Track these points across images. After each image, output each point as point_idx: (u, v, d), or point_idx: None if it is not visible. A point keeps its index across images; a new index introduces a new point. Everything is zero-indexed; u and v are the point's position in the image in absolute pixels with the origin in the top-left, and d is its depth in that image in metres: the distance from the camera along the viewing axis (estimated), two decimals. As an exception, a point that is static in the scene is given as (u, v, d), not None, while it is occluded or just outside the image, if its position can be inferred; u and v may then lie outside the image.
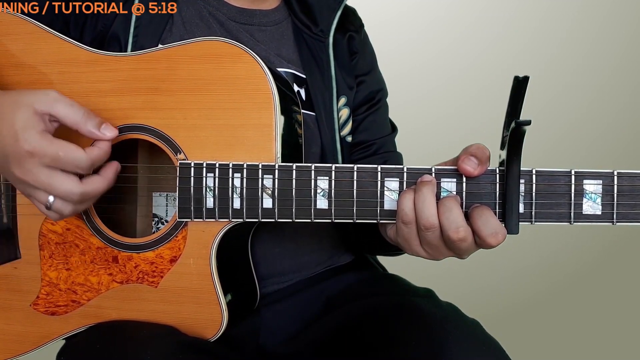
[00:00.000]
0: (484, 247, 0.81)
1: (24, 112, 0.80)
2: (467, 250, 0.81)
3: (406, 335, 0.88)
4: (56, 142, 0.80)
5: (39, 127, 0.80)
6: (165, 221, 1.04)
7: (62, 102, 0.82)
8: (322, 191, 0.86)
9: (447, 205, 0.80)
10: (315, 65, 1.11)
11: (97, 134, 0.84)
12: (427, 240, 0.81)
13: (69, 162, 0.80)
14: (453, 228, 0.78)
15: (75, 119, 0.82)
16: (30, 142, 0.79)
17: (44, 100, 0.82)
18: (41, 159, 0.80)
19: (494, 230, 0.78)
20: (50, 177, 0.80)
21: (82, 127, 0.83)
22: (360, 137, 1.17)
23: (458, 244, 0.79)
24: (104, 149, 0.84)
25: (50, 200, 0.82)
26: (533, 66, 2.35)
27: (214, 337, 0.92)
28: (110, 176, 0.86)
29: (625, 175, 0.82)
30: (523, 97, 0.77)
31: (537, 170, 0.83)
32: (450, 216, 0.79)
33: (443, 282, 1.29)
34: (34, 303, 0.96)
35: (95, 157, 0.83)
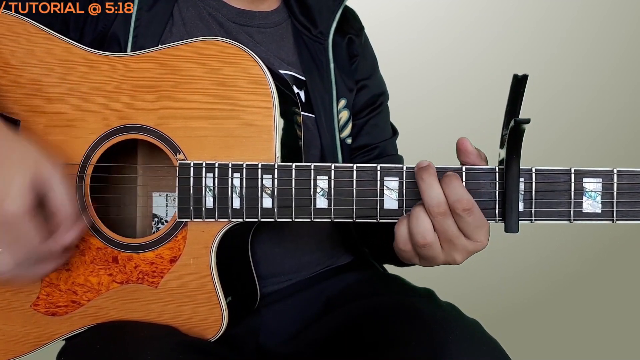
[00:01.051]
0: (461, 225, 0.82)
1: (24, 176, 0.81)
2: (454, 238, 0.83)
3: (406, 335, 0.88)
4: (32, 224, 0.82)
5: (28, 200, 0.81)
6: (165, 221, 1.04)
7: (62, 185, 0.84)
8: (322, 190, 0.86)
9: (427, 182, 0.83)
10: (314, 68, 1.11)
11: (62, 240, 0.86)
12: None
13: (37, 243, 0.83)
14: (435, 202, 0.81)
15: (65, 213, 0.85)
16: (13, 211, 0.80)
17: (46, 171, 0.83)
18: (13, 226, 0.81)
19: (459, 196, 0.81)
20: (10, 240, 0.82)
21: (60, 225, 0.85)
22: (362, 141, 1.17)
23: (438, 218, 0.82)
24: (65, 242, 0.86)
25: None
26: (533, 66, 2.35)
27: (214, 337, 0.92)
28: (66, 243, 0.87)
29: (625, 174, 0.82)
30: (522, 95, 0.77)
31: (537, 169, 0.83)
32: (431, 193, 0.82)
33: (443, 282, 1.28)
34: (34, 303, 0.96)
35: (53, 248, 0.85)
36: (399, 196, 0.86)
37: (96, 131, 0.93)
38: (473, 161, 0.85)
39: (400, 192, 0.85)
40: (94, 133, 0.93)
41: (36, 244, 0.82)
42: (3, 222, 0.80)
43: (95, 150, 0.93)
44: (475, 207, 0.82)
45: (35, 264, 0.86)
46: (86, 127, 0.94)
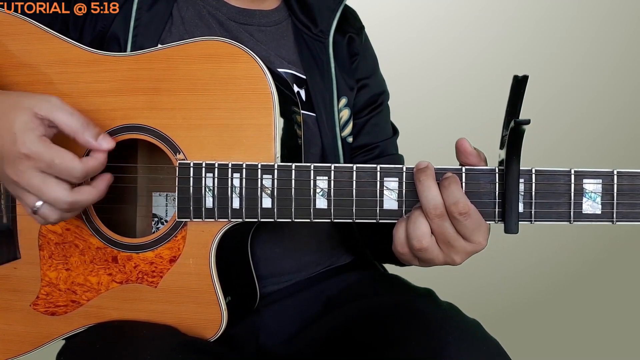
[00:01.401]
0: (458, 227, 0.83)
1: (24, 115, 0.80)
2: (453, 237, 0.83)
3: (406, 335, 0.88)
4: (53, 148, 0.80)
5: (38, 131, 0.80)
6: (164, 221, 1.04)
7: (63, 110, 0.82)
8: (322, 191, 0.86)
9: (425, 184, 0.83)
10: (315, 66, 1.11)
11: (94, 144, 0.83)
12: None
13: (63, 170, 0.80)
14: (432, 204, 0.82)
15: (74, 127, 0.82)
16: (28, 145, 0.79)
17: (45, 105, 0.82)
18: (36, 163, 0.80)
19: (455, 200, 0.81)
20: (42, 182, 0.80)
21: (79, 136, 0.83)
22: (363, 140, 1.17)
23: (435, 221, 0.82)
24: (99, 160, 0.84)
25: (38, 204, 0.82)
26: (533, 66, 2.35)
27: (213, 337, 0.92)
28: (101, 188, 0.86)
29: (625, 175, 0.82)
30: (522, 96, 0.77)
31: (537, 170, 0.83)
32: (429, 195, 0.82)
33: (443, 282, 1.28)
34: (33, 303, 0.96)
35: (90, 167, 0.83)
36: (399, 197, 0.86)
37: (96, 131, 0.93)
38: (472, 161, 0.85)
39: (400, 193, 0.85)
40: (94, 133, 0.93)
41: (72, 164, 0.80)
42: (29, 160, 0.79)
43: (95, 150, 0.93)
44: (473, 210, 0.82)
45: (87, 186, 0.84)
46: (86, 127, 0.93)
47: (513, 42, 2.45)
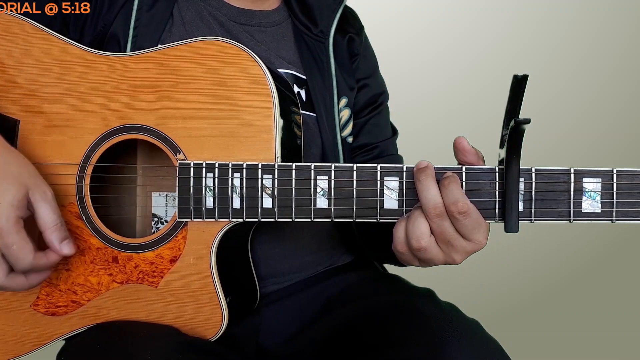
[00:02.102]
0: (458, 226, 0.83)
1: (18, 192, 0.83)
2: (451, 239, 0.83)
3: (406, 335, 0.88)
4: (20, 235, 0.82)
5: (20, 212, 0.83)
6: (164, 221, 1.04)
7: (49, 206, 0.85)
8: (322, 190, 0.86)
9: (424, 184, 0.83)
10: (315, 66, 1.11)
11: (55, 247, 0.86)
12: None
13: (13, 256, 0.82)
14: (431, 204, 0.82)
15: (47, 223, 0.85)
16: (3, 220, 0.81)
17: (38, 194, 0.85)
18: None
19: (455, 199, 0.81)
20: None
21: (46, 234, 0.85)
22: (362, 141, 1.17)
23: (435, 220, 0.82)
24: (51, 261, 0.86)
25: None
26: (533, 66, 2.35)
27: (214, 337, 0.92)
28: (33, 283, 0.88)
29: (625, 174, 0.82)
30: (522, 95, 0.77)
31: (537, 169, 0.83)
32: (427, 194, 0.82)
33: (443, 282, 1.28)
34: (34, 303, 0.96)
35: (39, 265, 0.85)
36: (399, 196, 0.86)
37: (96, 131, 0.93)
38: (471, 160, 0.85)
39: (401, 192, 0.86)
40: (94, 133, 0.93)
41: (24, 256, 0.83)
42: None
43: (95, 151, 0.93)
44: (472, 209, 0.82)
45: (22, 277, 0.86)
46: (86, 127, 0.94)
47: (513, 42, 2.45)
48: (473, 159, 0.85)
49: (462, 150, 0.85)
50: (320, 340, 1.02)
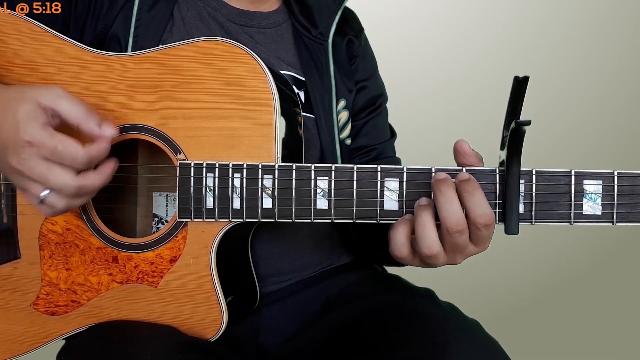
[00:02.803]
0: (473, 237, 0.82)
1: (28, 105, 0.81)
2: (462, 248, 0.82)
3: (406, 335, 0.88)
4: (56, 135, 0.80)
5: (41, 119, 0.81)
6: (165, 221, 1.04)
7: (66, 99, 0.83)
8: (322, 191, 0.86)
9: (447, 196, 0.80)
10: (314, 68, 1.11)
11: (97, 132, 0.83)
12: None
13: (66, 157, 0.80)
14: (454, 221, 0.79)
15: (77, 116, 0.83)
16: (31, 132, 0.79)
17: (48, 95, 0.82)
18: (39, 150, 0.80)
19: (483, 212, 0.79)
20: (46, 169, 0.80)
21: (82, 125, 0.83)
22: (361, 142, 1.17)
23: (455, 237, 0.80)
24: (102, 147, 0.84)
25: (45, 193, 0.82)
26: (533, 66, 2.35)
27: (214, 337, 0.92)
28: (107, 173, 0.86)
29: (626, 176, 0.82)
30: (523, 97, 0.77)
31: (537, 171, 0.83)
32: (450, 207, 0.80)
33: (443, 282, 1.28)
34: (34, 303, 0.96)
35: (93, 154, 0.83)
36: (399, 197, 0.86)
37: (96, 131, 0.93)
38: (471, 162, 0.85)
39: (401, 193, 0.86)
40: (95, 133, 0.93)
41: (75, 150, 0.80)
42: (31, 148, 0.80)
43: (95, 150, 0.93)
44: (494, 219, 0.81)
45: (92, 172, 0.84)
46: (86, 127, 0.94)
47: (513, 42, 2.45)
48: (474, 161, 0.85)
49: (462, 154, 0.85)
50: (320, 340, 1.02)
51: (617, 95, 2.48)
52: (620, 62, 2.49)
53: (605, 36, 2.48)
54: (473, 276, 2.14)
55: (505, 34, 2.47)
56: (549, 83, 2.34)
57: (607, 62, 2.48)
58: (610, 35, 2.48)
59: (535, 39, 2.46)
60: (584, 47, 2.48)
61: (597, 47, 2.48)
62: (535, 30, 2.48)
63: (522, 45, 2.45)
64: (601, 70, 2.47)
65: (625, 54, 2.49)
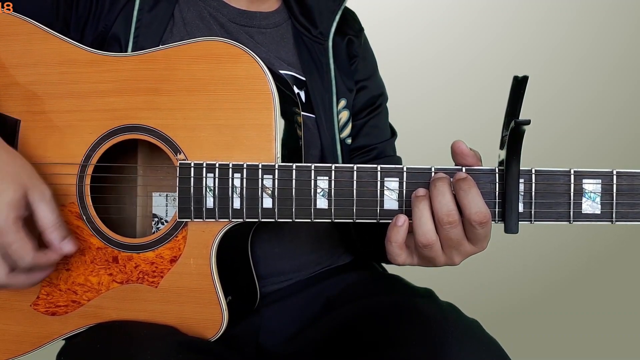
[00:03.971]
0: (470, 235, 0.82)
1: (16, 193, 0.82)
2: (457, 244, 0.83)
3: (406, 335, 0.88)
4: (19, 234, 0.82)
5: (18, 212, 0.82)
6: (165, 221, 1.04)
7: (48, 206, 0.85)
8: (322, 191, 0.87)
9: (440, 189, 0.81)
10: (314, 68, 1.11)
11: (55, 245, 0.86)
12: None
13: (13, 254, 0.82)
14: (445, 211, 0.80)
15: (46, 224, 0.85)
16: (1, 220, 0.81)
17: (37, 194, 0.84)
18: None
19: (478, 209, 0.80)
20: None
21: (47, 233, 0.85)
22: (361, 142, 1.17)
23: (447, 228, 0.81)
24: (51, 259, 0.86)
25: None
26: (532, 66, 2.35)
27: (214, 337, 0.92)
28: (35, 280, 0.88)
29: (624, 175, 0.82)
30: (522, 97, 0.77)
31: (537, 170, 0.83)
32: (442, 199, 0.81)
33: (443, 282, 1.28)
34: (34, 303, 0.96)
35: (39, 263, 0.85)
36: (399, 197, 0.86)
37: (96, 131, 0.93)
38: (469, 162, 0.85)
39: (401, 193, 0.86)
40: (94, 133, 0.93)
41: (24, 255, 0.83)
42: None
43: (95, 150, 0.93)
44: (490, 217, 0.81)
45: (24, 274, 0.86)
46: (86, 127, 0.94)
47: (513, 42, 2.45)
48: (472, 161, 0.84)
49: (460, 154, 0.84)
50: (320, 340, 1.02)
51: (617, 94, 2.48)
52: (620, 62, 2.49)
53: (605, 36, 2.48)
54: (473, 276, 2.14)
55: (505, 34, 2.47)
56: (549, 83, 2.34)
57: (606, 62, 2.48)
58: (610, 35, 2.48)
59: (535, 39, 2.46)
60: (584, 47, 2.48)
61: (597, 47, 2.48)
62: (535, 30, 2.48)
63: (522, 45, 2.45)
64: (601, 69, 2.47)
65: (625, 53, 2.49)
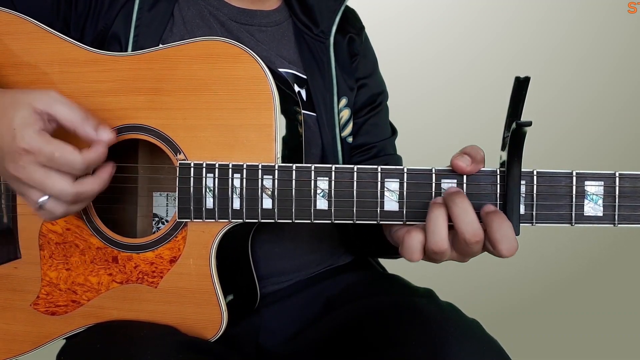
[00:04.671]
0: (493, 254, 0.80)
1: (23, 111, 0.81)
2: (476, 253, 0.81)
3: (406, 335, 0.88)
4: (53, 142, 0.80)
5: (37, 125, 0.80)
6: (165, 221, 1.04)
7: (62, 103, 0.83)
8: (322, 192, 0.86)
9: (461, 206, 0.78)
10: (316, 66, 1.11)
11: (94, 137, 0.84)
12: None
13: (64, 163, 0.80)
14: (471, 232, 0.77)
15: (74, 120, 0.83)
16: (27, 140, 0.79)
17: (44, 99, 0.82)
18: (37, 157, 0.80)
19: (511, 245, 0.77)
20: (44, 176, 0.80)
21: (79, 129, 0.83)
22: (361, 140, 1.17)
23: (472, 246, 0.79)
24: (100, 152, 0.84)
25: (43, 199, 0.82)
26: (533, 66, 2.35)
27: (213, 337, 0.92)
28: (104, 178, 0.86)
29: (627, 177, 0.82)
30: (524, 98, 0.76)
31: (538, 172, 0.83)
32: (466, 219, 0.78)
33: (443, 282, 1.28)
34: (34, 303, 0.96)
35: (90, 159, 0.83)
36: (400, 198, 0.85)
37: (96, 131, 0.93)
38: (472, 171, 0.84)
39: (401, 194, 0.85)
40: (94, 133, 0.93)
41: (72, 157, 0.80)
42: (28, 155, 0.79)
43: (95, 150, 0.93)
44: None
45: (90, 177, 0.84)
46: (86, 127, 0.93)
47: (513, 42, 2.45)
48: (474, 170, 0.83)
49: (461, 172, 0.83)
50: (320, 340, 1.02)
51: (619, 95, 2.48)
52: (621, 62, 2.49)
53: (605, 36, 2.48)
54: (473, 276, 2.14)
55: (505, 34, 2.47)
56: (550, 83, 2.34)
57: (608, 62, 2.48)
58: (610, 35, 2.48)
59: (535, 39, 2.46)
60: (584, 47, 2.48)
61: (598, 47, 2.48)
62: (535, 30, 2.48)
63: (522, 45, 2.45)
64: (602, 70, 2.47)
65: (626, 54, 2.49)
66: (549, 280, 2.46)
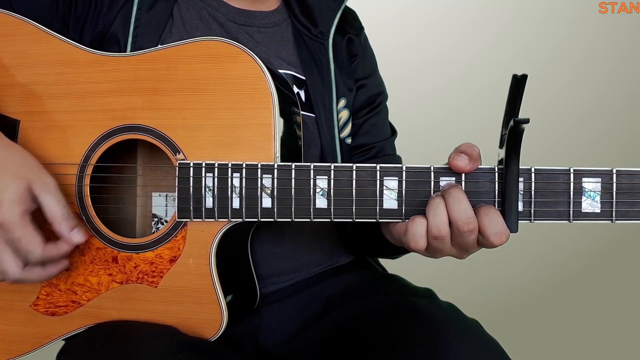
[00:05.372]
0: (486, 246, 0.82)
1: (19, 187, 0.82)
2: (472, 246, 0.82)
3: (406, 335, 0.88)
4: (26, 228, 0.82)
5: (23, 207, 0.82)
6: (164, 221, 1.04)
7: (53, 196, 0.85)
8: (322, 190, 0.86)
9: (455, 196, 0.81)
10: (314, 67, 1.11)
11: (66, 235, 0.86)
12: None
13: (23, 249, 0.83)
14: (464, 219, 0.79)
15: (55, 214, 0.85)
16: (7, 216, 0.81)
17: (41, 185, 0.84)
18: (4, 233, 0.82)
19: (498, 230, 0.79)
20: (1, 252, 0.83)
21: (55, 223, 0.85)
22: (361, 141, 1.17)
23: (466, 236, 0.80)
24: (62, 250, 0.86)
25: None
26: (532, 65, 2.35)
27: (213, 337, 0.92)
28: (51, 273, 0.88)
29: (624, 173, 0.82)
30: (521, 95, 0.77)
31: (536, 169, 0.83)
32: (460, 207, 0.80)
33: (443, 282, 1.28)
34: (34, 303, 0.96)
35: (49, 255, 0.85)
36: (399, 196, 0.86)
37: (96, 131, 0.93)
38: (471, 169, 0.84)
39: (400, 192, 0.85)
40: (94, 133, 0.93)
41: (34, 248, 0.83)
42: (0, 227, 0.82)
43: (95, 151, 0.93)
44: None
45: (39, 268, 0.86)
46: (86, 127, 0.94)
47: (513, 42, 2.45)
48: (473, 168, 0.84)
49: (460, 171, 0.84)
50: (320, 340, 1.02)
51: (616, 93, 2.48)
52: (619, 61, 2.49)
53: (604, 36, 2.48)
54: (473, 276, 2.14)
55: (505, 34, 2.47)
56: (548, 81, 2.34)
57: (606, 61, 2.48)
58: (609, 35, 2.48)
59: (535, 39, 2.47)
60: (583, 46, 2.48)
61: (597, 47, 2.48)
62: (535, 30, 2.48)
63: (522, 45, 2.45)
64: (600, 69, 2.47)
65: (625, 53, 2.49)
66: (548, 280, 2.45)
